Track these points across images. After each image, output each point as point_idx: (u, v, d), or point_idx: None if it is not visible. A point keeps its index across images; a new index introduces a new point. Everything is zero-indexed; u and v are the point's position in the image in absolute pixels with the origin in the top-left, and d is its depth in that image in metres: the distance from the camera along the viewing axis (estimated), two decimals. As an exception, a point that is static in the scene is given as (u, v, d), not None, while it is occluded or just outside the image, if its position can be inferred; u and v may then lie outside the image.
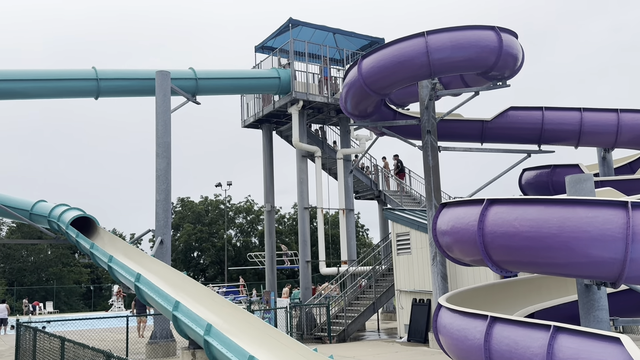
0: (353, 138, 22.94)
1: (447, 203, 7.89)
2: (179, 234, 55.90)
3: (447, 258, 8.11)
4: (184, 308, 8.10)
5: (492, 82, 12.05)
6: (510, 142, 13.60)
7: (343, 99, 13.09)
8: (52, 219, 15.82)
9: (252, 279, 50.16)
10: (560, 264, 6.23)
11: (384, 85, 11.89)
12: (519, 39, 11.54)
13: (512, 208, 6.55)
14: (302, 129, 20.86)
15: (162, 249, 13.77)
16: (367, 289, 18.56)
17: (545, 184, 13.55)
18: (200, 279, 55.66)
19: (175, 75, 16.23)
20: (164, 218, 13.98)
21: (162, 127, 14.44)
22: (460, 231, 7.15)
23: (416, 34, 11.18)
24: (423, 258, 15.31)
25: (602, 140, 13.00)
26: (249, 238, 59.19)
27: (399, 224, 16.52)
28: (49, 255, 52.04)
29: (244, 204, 59.73)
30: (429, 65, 10.97)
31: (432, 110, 12.98)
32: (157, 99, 14.72)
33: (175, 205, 57.69)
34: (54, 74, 15.90)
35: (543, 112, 12.87)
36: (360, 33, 22.78)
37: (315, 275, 30.76)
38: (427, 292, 15.04)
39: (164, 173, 14.18)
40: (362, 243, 58.05)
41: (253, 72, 21.46)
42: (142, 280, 9.76)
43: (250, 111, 23.35)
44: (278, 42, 22.57)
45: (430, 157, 12.79)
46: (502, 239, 6.55)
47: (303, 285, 20.57)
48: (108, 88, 16.42)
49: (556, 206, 6.19)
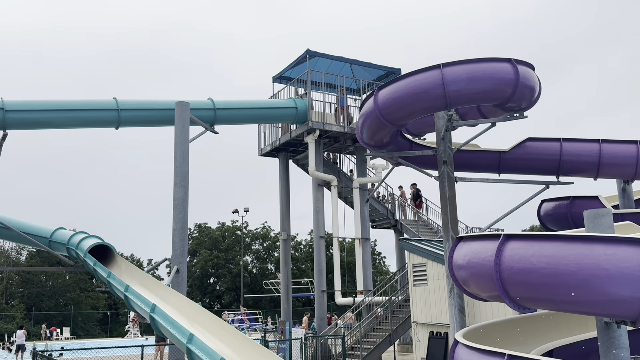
0: (369, 167, 22.97)
1: (464, 237, 7.83)
2: (196, 260, 56.03)
3: (464, 292, 8.01)
4: (198, 341, 8.08)
5: (508, 114, 12.03)
6: (528, 173, 13.49)
7: (359, 129, 13.15)
8: (70, 247, 15.98)
9: (268, 307, 49.90)
10: (579, 302, 6.12)
11: (399, 117, 11.93)
12: (535, 71, 11.55)
13: (529, 244, 6.48)
14: (319, 158, 20.96)
15: (177, 278, 13.79)
16: (384, 319, 18.35)
17: (565, 216, 13.39)
18: (216, 306, 55.53)
19: (194, 106, 16.46)
20: (180, 247, 14.03)
21: (181, 157, 14.60)
22: (477, 266, 7.08)
23: (432, 66, 11.24)
24: (440, 290, 15.11)
25: (621, 172, 12.84)
26: (265, 265, 59.08)
27: (415, 254, 16.37)
28: (67, 280, 52.41)
29: (260, 230, 59.81)
30: (444, 97, 11.00)
31: (449, 140, 12.95)
32: (176, 129, 14.92)
33: (192, 231, 57.95)
34: (76, 105, 16.26)
35: (561, 143, 12.78)
36: (376, 63, 23.00)
37: (331, 304, 30.51)
38: (444, 325, 14.81)
39: (182, 202, 14.29)
40: (378, 271, 57.56)
41: (270, 102, 21.73)
42: (157, 311, 9.77)
43: (267, 140, 23.57)
44: (295, 73, 22.87)
45: (447, 188, 12.72)
46: (519, 275, 6.46)
47: (318, 315, 20.40)
48: (128, 118, 16.71)
49: (574, 243, 6.11)
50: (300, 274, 52.83)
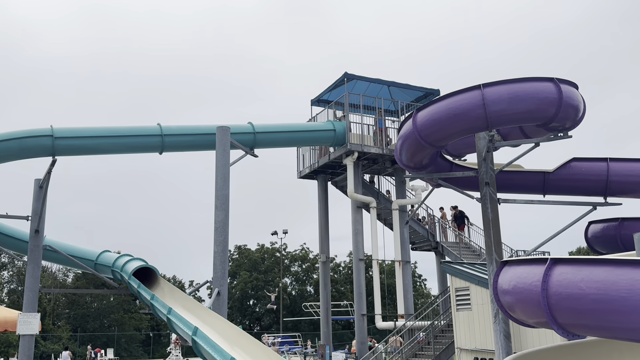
0: (409, 189, 22.79)
1: (509, 261, 7.64)
2: (236, 282, 56.41)
3: (510, 318, 7.79)
4: (239, 364, 8.09)
5: (552, 133, 11.78)
6: (574, 194, 13.11)
7: (398, 151, 13.08)
8: (115, 269, 16.32)
9: (307, 329, 49.64)
10: (630, 329, 5.86)
11: (439, 138, 11.82)
12: (579, 89, 11.30)
13: (578, 268, 6.27)
14: (357, 180, 20.93)
15: (218, 300, 13.87)
16: (426, 345, 17.98)
17: (614, 238, 12.91)
18: (256, 328, 55.59)
19: (234, 130, 16.74)
20: (221, 270, 14.14)
21: (221, 180, 14.80)
22: (523, 291, 6.88)
23: (472, 87, 11.13)
24: (484, 315, 14.73)
25: (672, 191, 12.35)
26: (304, 287, 58.98)
27: (457, 278, 16.04)
28: (112, 302, 53.49)
29: (299, 252, 59.88)
30: (485, 117, 10.85)
31: (490, 161, 12.74)
32: (217, 154, 15.17)
33: (232, 253, 58.49)
34: (122, 131, 16.78)
35: (608, 163, 12.40)
36: (414, 85, 22.96)
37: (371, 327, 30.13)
38: (489, 351, 14.38)
39: (222, 225, 14.44)
40: (419, 294, 56.67)
41: (309, 125, 21.91)
42: (199, 334, 9.83)
43: (306, 162, 23.73)
44: (333, 96, 23.04)
45: (490, 210, 12.48)
46: (567, 301, 6.25)
47: (359, 339, 20.15)
48: (172, 143, 17.12)
49: (625, 267, 5.88)
50: (340, 296, 52.48)
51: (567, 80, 10.97)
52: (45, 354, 42.52)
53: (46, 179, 14.91)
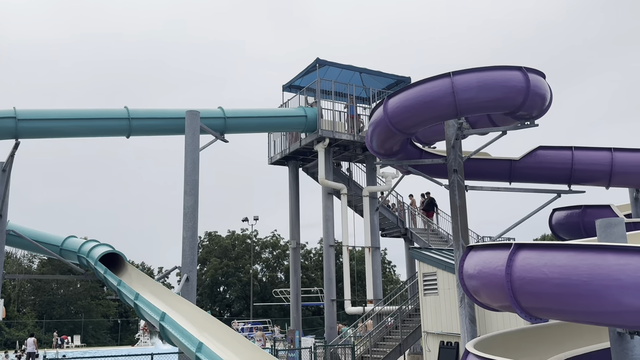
0: (379, 175, 22.93)
1: (474, 246, 7.76)
2: (206, 269, 56.12)
3: (475, 302, 7.94)
4: (207, 349, 8.06)
5: (519, 122, 11.96)
6: (539, 181, 13.37)
7: (369, 138, 13.14)
8: (81, 255, 16.06)
9: (277, 315, 49.83)
10: (591, 312, 6.04)
11: (409, 125, 11.90)
12: (546, 79, 11.49)
13: (541, 253, 6.41)
14: (328, 167, 20.96)
15: (187, 286, 13.79)
16: (394, 329, 18.23)
17: (576, 225, 13.26)
18: (226, 314, 55.52)
19: (204, 115, 16.53)
20: (190, 255, 14.04)
21: (191, 165, 14.65)
22: (488, 276, 7.01)
23: (442, 75, 11.21)
24: (451, 299, 15.00)
25: (633, 180, 12.70)
26: (275, 273, 59.06)
27: (425, 263, 16.27)
28: (78, 288, 52.67)
29: (270, 238, 59.85)
30: (455, 105, 10.96)
31: (459, 149, 12.90)
32: (186, 138, 14.98)
33: (202, 240, 58.12)
34: (87, 114, 16.40)
35: (572, 151, 12.68)
36: (386, 72, 23.01)
37: (341, 313, 30.39)
38: (455, 335, 14.68)
39: (192, 211, 14.32)
40: (388, 280, 57.32)
41: (280, 110, 21.80)
42: (167, 320, 9.78)
43: (277, 148, 23.63)
44: (305, 81, 22.94)
45: (457, 197, 12.65)
46: (530, 285, 6.40)
47: (328, 324, 20.31)
48: (139, 127, 16.82)
49: (586, 252, 6.04)
50: (310, 282, 52.73)
51: (535, 70, 11.14)
52: (10, 341, 41.71)
53: (9, 162, 14.53)
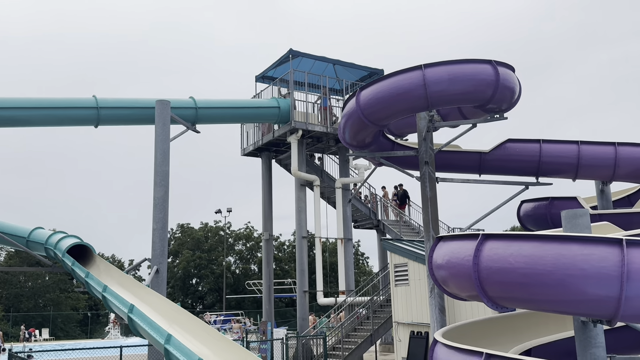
0: (352, 167, 23.00)
1: (443, 237, 7.85)
2: (178, 261, 55.63)
3: (444, 292, 8.03)
4: (176, 342, 8.00)
5: (489, 115, 12.12)
6: (508, 174, 13.58)
7: (341, 129, 13.15)
8: (48, 247, 15.75)
9: (251, 307, 49.75)
10: (556, 301, 6.17)
11: (381, 117, 11.95)
12: (516, 72, 11.64)
13: (508, 244, 6.52)
14: (301, 158, 20.93)
15: (157, 278, 13.67)
16: (365, 320, 18.37)
17: (544, 216, 13.51)
18: (198, 307, 55.20)
19: (175, 104, 16.33)
20: (160, 247, 13.91)
21: (161, 156, 14.47)
22: (456, 266, 7.10)
23: (414, 67, 11.27)
24: (421, 290, 15.17)
25: (599, 173, 13.00)
26: (248, 265, 58.88)
27: (396, 254, 16.42)
28: (47, 281, 51.70)
29: (243, 230, 59.59)
30: (426, 97, 11.04)
31: (430, 141, 13.01)
32: (156, 128, 14.78)
33: (174, 232, 57.56)
34: (54, 102, 16.03)
35: (540, 144, 12.90)
36: (359, 64, 23.02)
37: (314, 304, 30.51)
38: (425, 325, 14.86)
39: (162, 202, 14.16)
40: (361, 271, 57.70)
41: (253, 101, 21.64)
42: (135, 312, 9.67)
43: (249, 140, 23.48)
44: (278, 72, 22.81)
45: (428, 188, 12.77)
46: (497, 275, 6.50)
47: (300, 315, 20.35)
48: (108, 116, 16.53)
49: (551, 243, 6.16)
50: (284, 274, 52.74)
51: (504, 63, 11.28)
52: (-25, 336, 40.76)
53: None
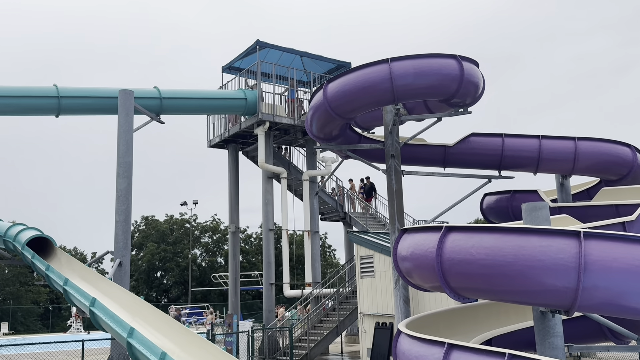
0: (319, 160, 23.02)
1: (408, 229, 7.94)
2: (142, 254, 54.82)
3: (408, 283, 8.14)
4: (139, 335, 7.90)
5: (454, 109, 12.29)
6: (471, 167, 13.82)
7: (309, 122, 13.15)
8: (7, 239, 15.28)
9: (217, 300, 49.45)
10: (515, 291, 6.32)
11: (348, 110, 11.99)
12: (480, 68, 11.82)
13: (469, 236, 6.64)
14: (268, 150, 20.84)
15: (120, 271, 13.46)
16: (331, 311, 18.48)
17: (506, 209, 13.80)
18: (163, 300, 54.58)
19: (139, 94, 16.03)
20: (123, 239, 13.68)
21: (124, 147, 14.21)
22: (420, 257, 7.20)
23: (380, 60, 11.34)
24: (386, 281, 15.33)
25: (559, 167, 13.33)
26: (215, 258, 58.43)
27: (363, 246, 16.55)
28: (6, 274, 50.30)
29: (210, 223, 59.06)
30: (392, 91, 11.12)
31: (396, 134, 13.12)
32: (119, 118, 14.50)
33: (138, 224, 56.65)
34: (14, 91, 15.53)
35: (503, 138, 13.16)
36: (327, 56, 23.01)
37: (280, 296, 30.52)
38: (390, 316, 15.04)
39: (125, 193, 13.91)
40: (328, 263, 57.94)
41: (219, 92, 21.40)
42: (97, 305, 9.50)
43: (216, 131, 23.24)
44: (245, 63, 22.60)
45: (394, 181, 12.90)
46: (459, 266, 6.62)
47: (266, 307, 20.34)
48: (69, 106, 16.11)
49: (511, 235, 6.30)
50: (251, 267, 52.54)
51: (469, 58, 11.44)
52: None
53: None
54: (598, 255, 5.79)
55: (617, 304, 5.86)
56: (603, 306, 6.00)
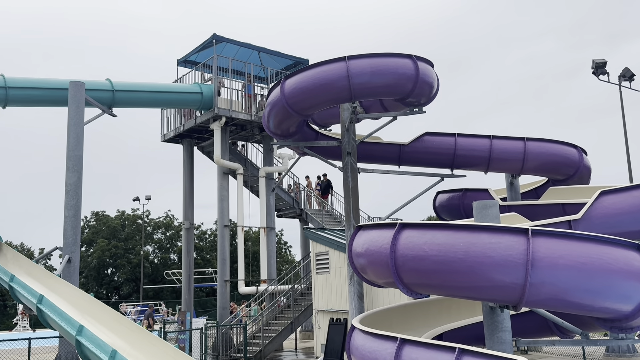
0: (276, 156, 22.96)
1: (363, 226, 8.03)
2: (92, 250, 53.39)
3: (362, 280, 8.23)
4: (89, 333, 7.70)
5: (409, 108, 12.46)
6: (425, 165, 14.05)
7: (266, 118, 13.08)
8: (-52, 234, 14.62)
9: (170, 297, 48.67)
10: (466, 287, 6.49)
11: (305, 107, 11.99)
12: (434, 68, 12.03)
13: (422, 232, 6.77)
14: (224, 146, 20.63)
15: (69, 268, 13.08)
16: (286, 308, 18.48)
17: (457, 207, 14.11)
18: (114, 297, 53.33)
19: (90, 86, 15.58)
20: (72, 235, 13.28)
21: (74, 140, 13.78)
22: (374, 254, 7.29)
23: (338, 58, 11.39)
24: (341, 277, 15.44)
25: (509, 166, 13.72)
26: (168, 255, 57.47)
27: (318, 243, 16.61)
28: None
29: (163, 219, 58.03)
30: (349, 89, 11.19)
31: (353, 132, 13.22)
32: (69, 110, 14.05)
33: (88, 219, 55.14)
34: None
35: (456, 138, 13.44)
36: (285, 53, 22.94)
37: (235, 293, 30.30)
38: (344, 312, 15.16)
39: (74, 188, 13.50)
40: (284, 260, 57.88)
41: (174, 86, 21.02)
42: (45, 302, 9.20)
43: (170, 125, 22.83)
44: (201, 57, 22.29)
45: (350, 179, 13.00)
46: (412, 262, 6.74)
47: (220, 304, 20.16)
48: (17, 97, 15.49)
49: (462, 232, 6.46)
50: (205, 263, 51.93)
51: (424, 58, 11.62)
52: None
53: None
54: (545, 253, 6.00)
55: (563, 299, 6.09)
56: (549, 301, 6.22)
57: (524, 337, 8.68)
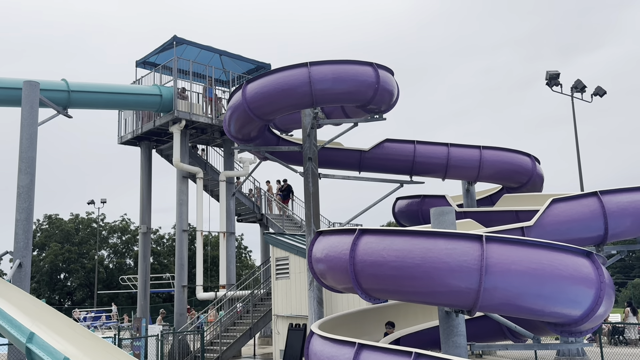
0: (237, 161, 22.80)
1: (323, 231, 8.08)
2: (44, 254, 51.73)
3: (322, 285, 8.27)
4: (40, 340, 7.46)
5: (370, 115, 12.62)
6: (385, 172, 14.25)
7: (227, 122, 13.02)
8: None
9: (125, 303, 47.57)
10: (423, 292, 6.61)
11: (267, 112, 12.00)
12: (395, 76, 12.23)
13: (381, 238, 6.86)
14: (184, 149, 20.37)
15: (20, 272, 12.62)
16: (245, 313, 18.34)
17: (416, 213, 14.35)
18: (67, 303, 51.79)
19: (45, 86, 15.13)
20: (24, 239, 12.84)
21: (27, 141, 13.34)
22: (334, 259, 7.34)
23: (300, 64, 11.45)
24: (301, 283, 15.45)
25: (466, 174, 14.05)
26: (124, 259, 56.19)
27: (278, 248, 16.57)
28: None
29: (119, 223, 56.74)
30: (311, 95, 11.26)
31: (314, 138, 13.28)
32: (23, 111, 13.59)
33: (41, 223, 53.44)
34: None
35: (415, 145, 13.69)
36: (246, 57, 22.85)
37: (193, 299, 29.88)
38: (303, 317, 15.16)
39: (27, 190, 13.07)
40: (244, 265, 57.38)
41: (132, 87, 20.63)
42: (-7, 309, 8.87)
43: (128, 127, 22.39)
44: (161, 59, 21.96)
45: (311, 184, 13.04)
46: (371, 268, 6.82)
47: (178, 310, 19.84)
48: (-34, 95, 14.94)
49: (420, 238, 6.58)
50: (163, 268, 51.00)
51: (385, 66, 11.80)
52: None
53: None
54: (498, 258, 6.17)
55: (515, 304, 6.27)
56: (502, 306, 6.39)
57: (478, 341, 8.87)
